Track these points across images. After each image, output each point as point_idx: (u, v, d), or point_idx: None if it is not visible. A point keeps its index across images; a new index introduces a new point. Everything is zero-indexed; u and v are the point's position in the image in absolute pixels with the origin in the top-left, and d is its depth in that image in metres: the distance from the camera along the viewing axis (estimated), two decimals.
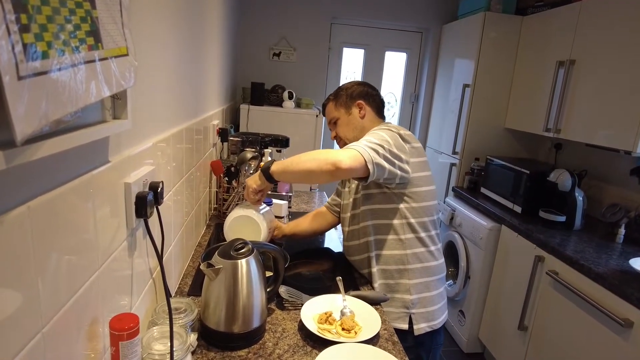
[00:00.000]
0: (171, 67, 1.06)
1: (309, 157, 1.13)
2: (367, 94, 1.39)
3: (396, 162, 1.18)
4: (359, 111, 1.37)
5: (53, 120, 0.42)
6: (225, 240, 1.21)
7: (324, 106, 1.45)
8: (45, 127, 0.42)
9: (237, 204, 1.69)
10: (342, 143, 1.40)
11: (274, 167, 1.18)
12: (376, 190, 1.28)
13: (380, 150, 1.15)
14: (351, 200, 1.38)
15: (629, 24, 1.85)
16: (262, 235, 1.26)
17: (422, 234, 1.28)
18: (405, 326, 1.26)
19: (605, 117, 1.96)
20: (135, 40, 0.69)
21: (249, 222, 1.25)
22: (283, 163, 1.18)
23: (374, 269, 1.30)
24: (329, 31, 3.29)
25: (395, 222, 1.27)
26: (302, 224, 1.57)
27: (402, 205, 1.27)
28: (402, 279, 1.28)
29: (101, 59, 0.54)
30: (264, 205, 1.34)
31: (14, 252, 0.44)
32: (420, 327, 1.26)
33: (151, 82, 0.89)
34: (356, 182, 1.35)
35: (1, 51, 0.33)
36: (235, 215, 1.26)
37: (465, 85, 2.79)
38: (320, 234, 1.65)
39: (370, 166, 1.11)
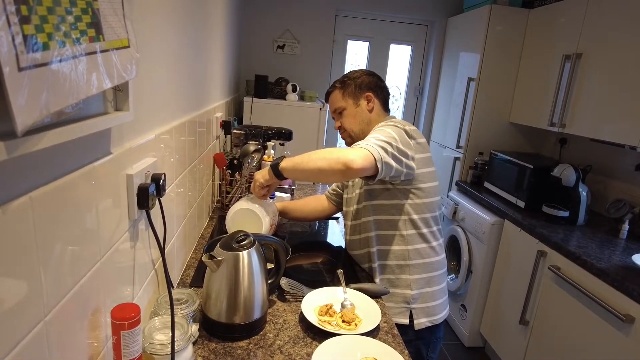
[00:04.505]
0: (174, 60, 1.06)
1: (320, 156, 1.10)
2: (376, 85, 1.35)
3: (403, 159, 1.17)
4: (367, 104, 1.34)
5: (54, 111, 0.42)
6: (227, 232, 1.22)
7: (329, 93, 1.40)
8: (46, 119, 0.42)
9: (240, 196, 1.69)
10: (347, 135, 1.38)
11: (283, 164, 1.17)
12: (379, 186, 1.27)
13: (389, 149, 1.13)
14: (354, 194, 1.38)
15: (636, 18, 1.83)
16: (263, 229, 1.26)
17: (424, 230, 1.28)
18: (405, 321, 1.26)
19: (610, 111, 1.94)
20: (137, 32, 0.69)
21: (251, 216, 1.26)
22: (293, 160, 1.16)
23: (375, 264, 1.30)
24: (333, 23, 3.27)
25: (398, 218, 1.27)
26: (295, 203, 1.58)
27: (405, 201, 1.26)
28: (402, 275, 1.28)
29: (102, 51, 0.54)
30: (268, 198, 1.34)
31: (16, 242, 0.45)
32: (421, 322, 1.27)
33: (153, 74, 0.89)
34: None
35: (1, 42, 0.34)
36: (238, 207, 1.26)
37: (470, 79, 2.77)
38: (314, 219, 1.66)
39: (379, 165, 1.09)
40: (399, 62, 3.51)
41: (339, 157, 1.06)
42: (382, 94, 1.37)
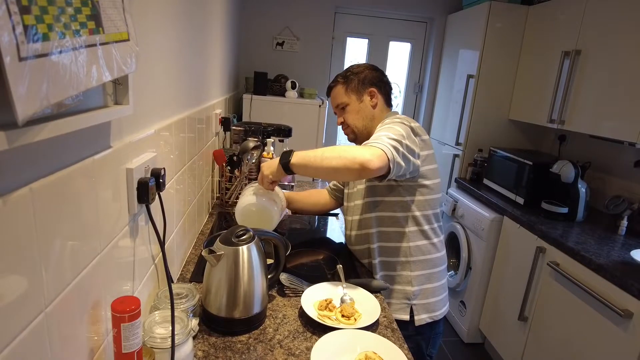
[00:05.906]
0: (173, 55, 1.06)
1: (335, 155, 1.06)
2: (380, 80, 1.34)
3: (410, 158, 1.15)
4: (371, 99, 1.32)
5: (54, 102, 0.42)
6: (236, 223, 1.22)
7: (331, 88, 1.37)
8: (46, 110, 0.42)
9: (246, 184, 1.68)
10: (350, 130, 1.36)
11: (294, 160, 1.12)
12: (383, 182, 1.26)
13: (400, 149, 1.11)
14: (355, 190, 1.38)
15: (635, 15, 1.83)
16: (274, 222, 1.27)
17: (426, 227, 1.28)
18: (406, 317, 1.26)
19: (609, 108, 1.95)
20: (137, 26, 0.69)
21: (262, 210, 1.26)
22: (305, 157, 1.11)
23: (375, 261, 1.30)
24: (332, 21, 3.26)
25: (400, 215, 1.27)
26: (298, 194, 1.59)
27: (408, 198, 1.25)
28: (403, 271, 1.28)
29: (102, 44, 0.54)
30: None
31: (17, 233, 0.45)
32: (421, 318, 1.27)
33: (153, 69, 0.89)
34: None
35: (2, 32, 0.34)
36: (249, 202, 1.25)
37: (470, 76, 2.77)
38: (314, 212, 1.66)
39: (391, 165, 1.07)
40: (398, 59, 3.51)
41: (355, 157, 1.03)
42: (385, 89, 1.36)
